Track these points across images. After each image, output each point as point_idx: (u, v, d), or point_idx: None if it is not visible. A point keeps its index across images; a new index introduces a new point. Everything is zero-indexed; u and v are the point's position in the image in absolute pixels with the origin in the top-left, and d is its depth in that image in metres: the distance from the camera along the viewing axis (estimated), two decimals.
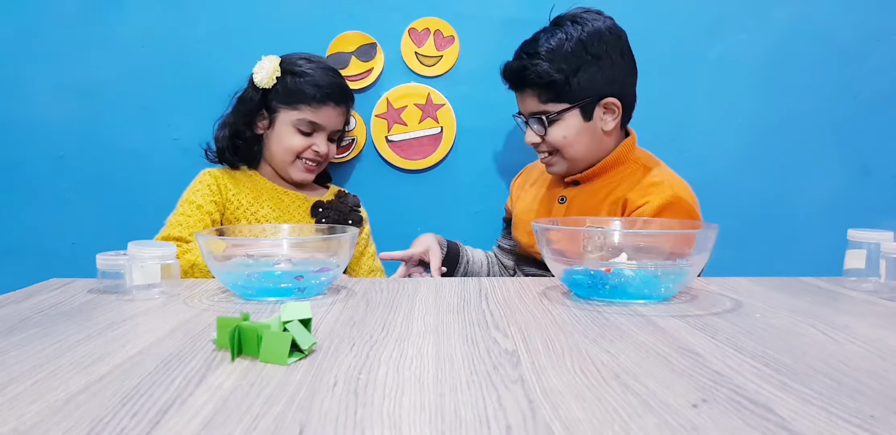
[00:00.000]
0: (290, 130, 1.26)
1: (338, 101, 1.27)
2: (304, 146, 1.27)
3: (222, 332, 0.56)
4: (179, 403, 0.44)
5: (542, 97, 1.12)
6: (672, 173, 1.15)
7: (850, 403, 0.45)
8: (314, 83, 1.25)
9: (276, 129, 1.28)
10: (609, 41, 1.10)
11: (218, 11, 1.41)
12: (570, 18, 1.12)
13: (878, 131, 1.45)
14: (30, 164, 1.43)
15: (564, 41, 1.09)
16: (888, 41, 1.43)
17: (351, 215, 1.34)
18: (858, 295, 0.83)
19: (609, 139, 1.16)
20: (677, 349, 0.58)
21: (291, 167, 1.29)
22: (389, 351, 0.57)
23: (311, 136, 1.27)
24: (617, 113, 1.13)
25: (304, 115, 1.25)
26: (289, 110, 1.26)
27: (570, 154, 1.14)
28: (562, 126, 1.12)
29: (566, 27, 1.11)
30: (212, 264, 0.80)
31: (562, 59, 1.09)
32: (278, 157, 1.29)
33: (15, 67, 1.41)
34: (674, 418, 0.42)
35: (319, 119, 1.26)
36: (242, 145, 1.29)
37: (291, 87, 1.25)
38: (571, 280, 0.80)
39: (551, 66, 1.09)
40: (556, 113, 1.12)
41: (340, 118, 1.30)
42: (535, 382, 0.49)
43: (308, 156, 1.28)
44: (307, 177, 1.31)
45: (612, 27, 1.12)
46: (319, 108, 1.26)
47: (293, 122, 1.26)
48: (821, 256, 1.17)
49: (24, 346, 0.59)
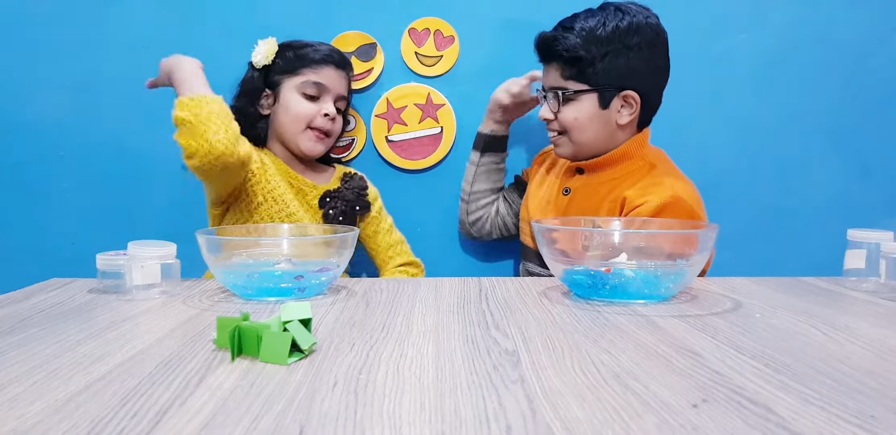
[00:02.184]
0: (296, 97, 1.26)
1: (338, 64, 1.29)
2: (313, 111, 1.26)
3: (222, 332, 0.56)
4: (179, 403, 0.44)
5: (565, 72, 1.12)
6: (678, 173, 1.15)
7: (850, 403, 0.45)
8: (313, 49, 1.27)
9: (282, 100, 1.27)
10: (647, 36, 1.10)
11: (218, 11, 1.41)
12: (616, 6, 1.12)
13: (878, 131, 1.45)
14: (30, 164, 1.43)
15: (602, 25, 1.08)
16: (889, 41, 1.43)
17: (358, 201, 1.33)
18: (858, 295, 0.83)
19: (621, 133, 1.15)
20: (677, 349, 0.58)
21: (301, 137, 1.27)
22: (389, 351, 0.57)
23: (317, 100, 1.27)
24: (635, 108, 1.12)
25: (307, 77, 1.26)
26: (291, 77, 1.26)
27: (578, 138, 1.14)
28: (576, 107, 1.12)
29: (608, 12, 1.10)
30: (212, 264, 0.80)
31: (593, 40, 1.08)
32: (288, 129, 1.27)
33: (15, 67, 1.41)
34: (674, 418, 0.42)
35: (323, 79, 1.26)
36: (247, 126, 1.26)
37: (291, 57, 1.27)
38: (571, 280, 0.80)
39: (582, 43, 1.08)
40: (574, 92, 1.12)
41: (343, 82, 1.30)
42: (535, 382, 0.49)
43: (318, 123, 1.26)
44: (317, 147, 1.29)
45: (654, 24, 1.12)
46: (321, 70, 1.26)
47: (298, 87, 1.26)
48: (821, 256, 1.17)
49: (24, 346, 0.59)
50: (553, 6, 1.24)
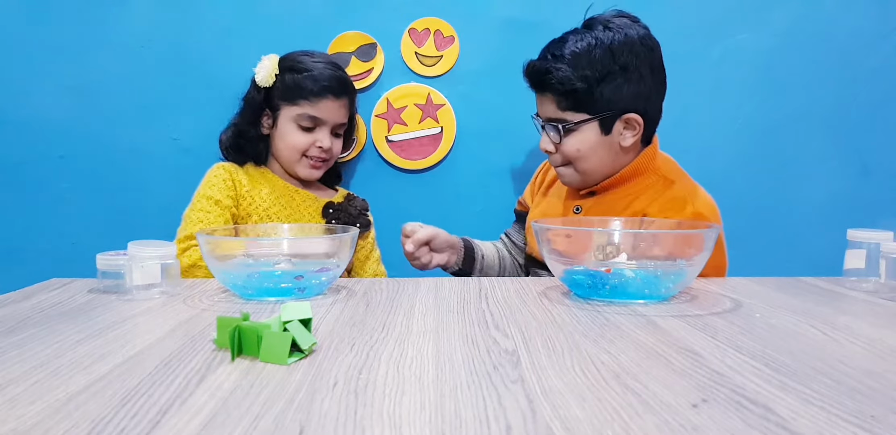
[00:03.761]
0: (292, 127, 1.27)
1: (337, 93, 1.27)
2: (307, 143, 1.27)
3: (222, 332, 0.56)
4: (179, 403, 0.44)
5: (562, 104, 1.07)
6: (693, 184, 1.11)
7: (850, 403, 0.45)
8: (312, 77, 1.25)
9: (280, 127, 1.28)
10: (640, 53, 1.04)
11: (218, 11, 1.41)
12: (603, 23, 1.06)
13: (878, 131, 1.45)
14: (30, 164, 1.43)
15: (593, 47, 1.03)
16: (888, 41, 1.43)
17: (359, 219, 1.35)
18: (858, 295, 0.83)
19: (626, 155, 1.10)
20: (677, 349, 0.58)
21: (298, 165, 1.29)
22: (389, 351, 0.57)
23: (312, 131, 1.27)
24: (638, 129, 1.07)
25: (304, 109, 1.26)
26: (289, 106, 1.27)
27: (583, 167, 1.10)
28: (577, 137, 1.07)
29: (597, 32, 1.04)
30: (212, 264, 0.80)
31: (587, 65, 1.03)
32: (284, 156, 1.29)
33: (15, 67, 1.41)
34: (674, 418, 0.42)
35: (319, 113, 1.26)
36: (246, 144, 1.30)
37: (290, 84, 1.26)
38: (571, 280, 0.80)
39: (575, 72, 1.03)
40: (574, 123, 1.07)
41: (342, 111, 1.30)
42: (535, 382, 0.49)
43: (313, 153, 1.28)
44: (314, 174, 1.31)
45: (646, 37, 1.06)
46: (318, 102, 1.26)
47: (294, 118, 1.26)
48: (821, 256, 1.17)
49: (24, 346, 0.59)
50: (553, 6, 1.24)
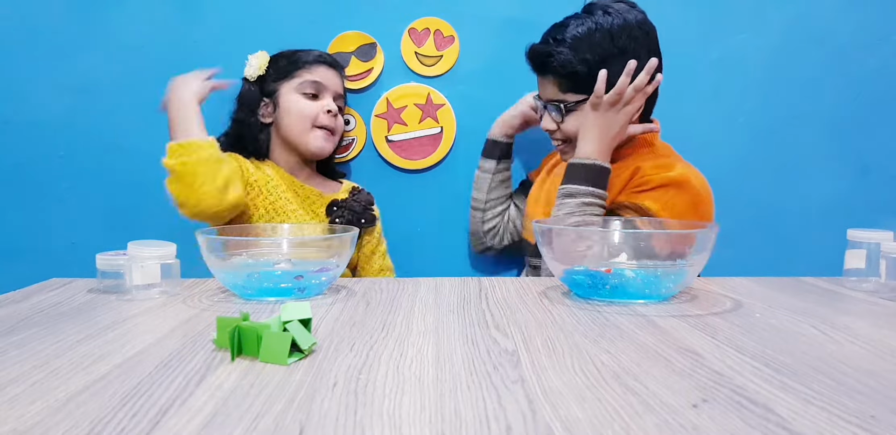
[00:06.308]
0: (297, 97, 1.28)
1: (331, 64, 1.32)
2: (315, 109, 1.28)
3: (222, 332, 0.56)
4: (179, 403, 0.44)
5: (563, 86, 1.12)
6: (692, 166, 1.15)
7: (850, 403, 0.45)
8: (303, 53, 1.31)
9: (283, 104, 1.29)
10: (638, 37, 1.08)
11: (218, 11, 1.41)
12: (602, 8, 1.10)
13: (878, 131, 1.45)
14: (30, 165, 1.43)
15: (593, 31, 1.07)
16: (888, 42, 1.43)
17: (364, 214, 1.34)
18: (858, 295, 0.83)
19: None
20: (677, 349, 0.58)
21: (309, 137, 1.28)
22: (389, 351, 0.57)
23: (317, 98, 1.29)
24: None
25: (304, 77, 1.28)
26: (288, 81, 1.29)
27: None
28: (578, 116, 1.12)
29: (596, 16, 1.08)
30: (212, 264, 0.80)
31: (587, 49, 1.07)
32: (294, 131, 1.28)
33: (15, 67, 1.41)
34: (674, 418, 0.42)
35: (319, 77, 1.29)
36: (246, 135, 1.29)
37: (282, 64, 1.29)
38: (571, 280, 0.80)
39: (576, 55, 1.07)
40: (575, 103, 1.12)
41: (338, 81, 1.33)
42: (535, 382, 0.49)
43: (322, 121, 1.28)
44: (326, 147, 1.31)
45: (643, 22, 1.10)
46: (315, 69, 1.29)
47: (296, 88, 1.28)
48: (821, 256, 1.17)
49: (24, 346, 0.59)
50: (553, 6, 1.23)
